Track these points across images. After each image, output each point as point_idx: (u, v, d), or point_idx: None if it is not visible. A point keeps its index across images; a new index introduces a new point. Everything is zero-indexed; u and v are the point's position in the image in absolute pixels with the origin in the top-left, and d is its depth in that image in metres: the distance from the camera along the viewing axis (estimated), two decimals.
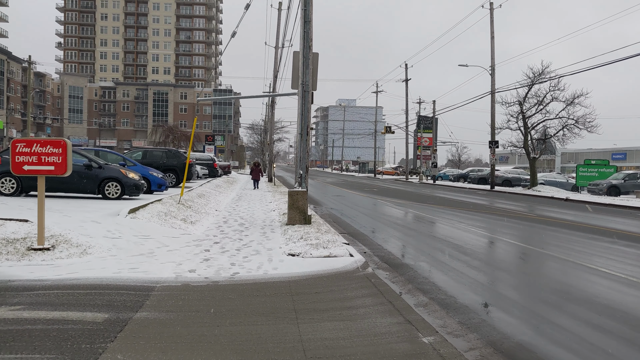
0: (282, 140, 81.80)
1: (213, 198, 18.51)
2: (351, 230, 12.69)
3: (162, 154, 22.54)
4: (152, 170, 18.42)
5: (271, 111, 38.56)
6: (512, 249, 10.77)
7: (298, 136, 12.15)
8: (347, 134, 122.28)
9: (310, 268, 7.49)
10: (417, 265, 8.54)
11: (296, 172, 12.59)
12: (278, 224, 12.50)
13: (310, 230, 10.77)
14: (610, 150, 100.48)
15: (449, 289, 6.93)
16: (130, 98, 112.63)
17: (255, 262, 7.76)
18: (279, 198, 20.24)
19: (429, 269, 8.22)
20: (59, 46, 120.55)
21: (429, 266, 8.49)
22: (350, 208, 19.40)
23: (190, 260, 7.65)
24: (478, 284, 7.38)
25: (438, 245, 10.79)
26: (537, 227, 14.74)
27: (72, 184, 14.18)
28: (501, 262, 9.50)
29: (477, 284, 7.41)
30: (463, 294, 6.73)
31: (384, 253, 9.59)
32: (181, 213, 12.20)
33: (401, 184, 48.43)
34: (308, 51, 11.82)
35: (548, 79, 33.79)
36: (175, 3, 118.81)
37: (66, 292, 5.68)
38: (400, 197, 25.73)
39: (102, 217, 10.29)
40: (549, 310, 6.14)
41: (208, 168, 33.74)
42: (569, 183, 39.30)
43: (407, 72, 57.42)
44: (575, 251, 10.23)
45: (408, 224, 14.95)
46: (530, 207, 22.26)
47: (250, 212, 15.22)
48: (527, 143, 35.44)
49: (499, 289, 7.33)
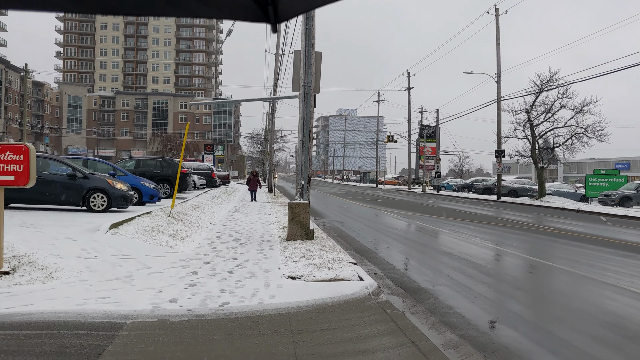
0: (283, 150, 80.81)
1: (208, 210, 17.40)
2: (357, 247, 11.57)
3: (156, 163, 21.47)
4: (144, 180, 17.34)
5: (271, 120, 37.54)
6: (542, 270, 9.63)
7: (299, 143, 11.07)
8: (347, 144, 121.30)
9: (314, 295, 6.37)
10: (436, 290, 7.41)
11: (297, 183, 11.51)
12: (277, 239, 11.39)
13: (312, 247, 9.66)
14: (614, 160, 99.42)
15: (481, 323, 5.79)
16: (129, 107, 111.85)
17: (250, 287, 6.65)
18: (278, 210, 19.13)
19: (451, 295, 7.09)
20: (59, 55, 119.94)
21: (451, 291, 7.36)
22: (355, 220, 18.29)
23: (173, 286, 6.53)
24: (513, 315, 6.25)
25: (456, 264, 9.66)
26: (559, 242, 13.59)
27: (53, 195, 13.09)
28: (535, 286, 8.36)
29: (512, 315, 6.28)
30: (499, 330, 5.61)
31: (397, 274, 8.46)
32: (171, 227, 11.08)
33: (404, 194, 47.32)
34: (310, 50, 10.76)
35: (556, 86, 32.80)
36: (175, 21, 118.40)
37: (10, 333, 4.56)
38: (405, 208, 24.62)
39: (80, 232, 9.18)
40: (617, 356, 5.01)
41: (206, 178, 32.65)
42: (577, 193, 38.18)
43: (409, 80, 56.55)
44: (617, 273, 9.10)
45: (418, 238, 13.82)
46: (543, 219, 21.13)
47: (248, 225, 14.11)
48: (535, 152, 34.37)
49: (541, 322, 6.18)
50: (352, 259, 9.06)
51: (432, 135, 66.29)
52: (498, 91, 36.38)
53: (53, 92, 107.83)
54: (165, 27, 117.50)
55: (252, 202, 24.67)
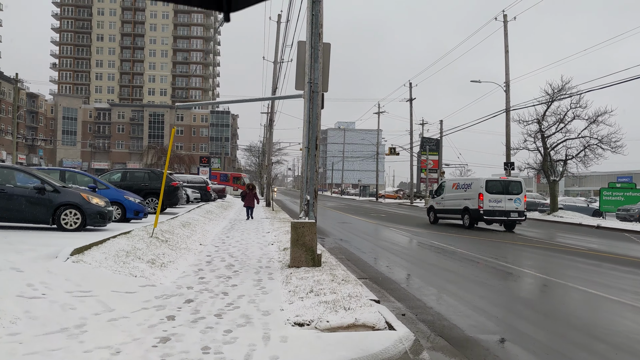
0: (281, 163, 78.97)
1: (200, 227, 15.60)
2: (373, 274, 9.78)
3: (144, 175, 19.69)
4: (128, 194, 15.57)
5: (269, 131, 35.86)
6: (612, 307, 7.86)
7: (304, 151, 9.33)
8: (346, 157, 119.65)
9: (331, 354, 4.60)
10: (491, 342, 5.61)
11: (301, 198, 9.74)
12: (278, 264, 9.60)
13: (321, 276, 7.88)
14: (615, 173, 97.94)
15: None
16: (125, 120, 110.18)
17: (244, 342, 4.86)
18: (278, 227, 17.35)
19: (518, 353, 5.29)
20: (54, 67, 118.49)
21: (515, 346, 5.54)
22: (362, 239, 16.51)
23: (138, 343, 4.74)
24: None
25: (501, 299, 7.88)
26: (603, 266, 11.81)
27: (18, 211, 11.27)
28: (624, 331, 6.59)
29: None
30: None
31: (431, 315, 6.67)
32: (151, 251, 9.29)
33: (407, 208, 45.55)
34: (317, 40, 9.06)
35: (569, 95, 31.21)
36: (173, 24, 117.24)
37: None
38: (414, 225, 22.83)
39: (32, 260, 7.39)
40: None
41: (200, 191, 30.88)
42: (590, 208, 36.47)
43: (411, 91, 55.05)
44: None
45: (441, 262, 12.03)
46: (565, 236, 19.37)
47: (244, 246, 12.31)
48: (547, 164, 32.71)
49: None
50: (371, 294, 7.29)
51: (434, 148, 64.71)
52: (507, 100, 34.78)
53: (48, 103, 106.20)
54: (162, 39, 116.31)
55: (247, 220, 21.30)
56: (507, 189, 21.04)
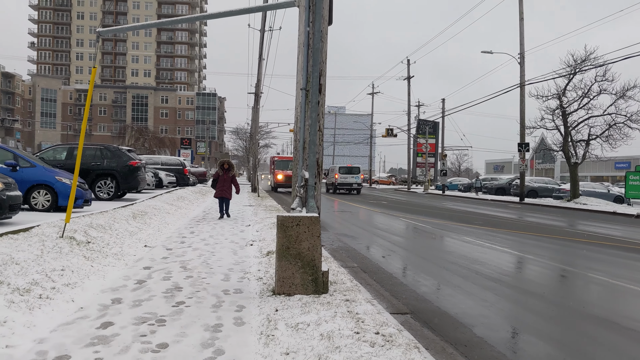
0: (270, 147, 74.89)
1: (158, 219, 11.75)
2: (414, 301, 6.01)
3: (95, 153, 15.74)
4: (63, 174, 11.69)
5: (256, 106, 31.89)
6: None
7: (301, 95, 5.48)
8: (337, 142, 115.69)
9: None
10: None
11: (294, 175, 5.91)
12: (256, 285, 5.84)
13: (334, 322, 4.13)
14: (613, 159, 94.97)
15: None
16: (107, 102, 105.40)
17: None
18: (262, 217, 13.55)
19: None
20: (32, 46, 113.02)
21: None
22: (372, 234, 12.76)
23: None
24: None
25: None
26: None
27: None
28: None
29: None
30: None
31: None
32: (43, 265, 5.49)
33: (405, 194, 41.92)
34: None
35: (594, 66, 27.48)
36: (157, 2, 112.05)
37: None
38: (425, 214, 19.15)
39: None
40: None
41: (176, 175, 27.02)
42: (610, 194, 33.02)
43: (409, 68, 51.17)
44: None
45: (511, 273, 8.28)
46: (599, 227, 15.79)
47: (209, 249, 8.50)
48: (567, 145, 29.09)
49: None
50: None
51: (431, 131, 60.99)
52: (521, 75, 31.06)
53: (25, 84, 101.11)
54: (146, 17, 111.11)
55: (220, 219, 13.70)
56: (350, 171, 35.92)
